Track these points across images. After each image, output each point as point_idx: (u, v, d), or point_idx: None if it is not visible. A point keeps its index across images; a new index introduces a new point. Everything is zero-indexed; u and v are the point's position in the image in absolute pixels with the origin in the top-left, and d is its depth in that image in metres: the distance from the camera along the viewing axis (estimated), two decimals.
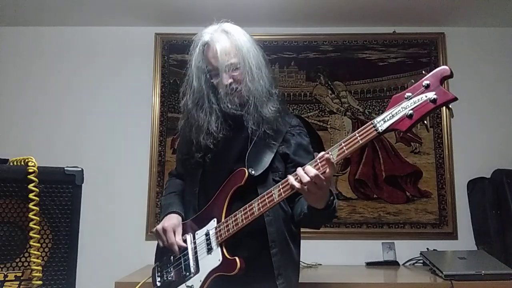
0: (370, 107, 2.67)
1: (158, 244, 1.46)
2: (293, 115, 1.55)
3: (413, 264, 2.40)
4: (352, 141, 1.08)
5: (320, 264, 2.41)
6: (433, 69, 1.02)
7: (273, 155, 1.35)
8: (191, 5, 2.52)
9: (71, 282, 1.08)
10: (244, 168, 1.30)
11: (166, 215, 1.45)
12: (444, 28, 2.72)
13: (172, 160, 2.63)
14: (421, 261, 2.33)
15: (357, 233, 2.54)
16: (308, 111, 2.68)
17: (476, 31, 2.74)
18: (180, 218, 1.43)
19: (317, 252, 2.41)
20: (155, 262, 1.47)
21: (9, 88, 2.73)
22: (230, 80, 1.37)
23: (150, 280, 1.47)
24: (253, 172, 1.30)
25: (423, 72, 1.02)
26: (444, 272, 1.94)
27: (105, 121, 2.69)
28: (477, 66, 2.70)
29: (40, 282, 1.00)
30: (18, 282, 1.00)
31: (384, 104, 2.66)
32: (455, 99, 0.96)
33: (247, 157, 1.33)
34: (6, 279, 0.99)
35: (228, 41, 1.39)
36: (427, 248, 2.37)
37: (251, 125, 1.36)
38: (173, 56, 2.75)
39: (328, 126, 2.66)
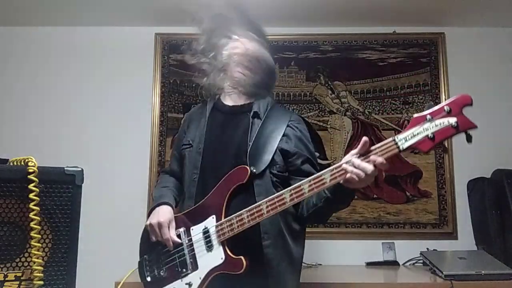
0: (370, 107, 2.67)
1: (143, 237, 1.45)
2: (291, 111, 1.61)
3: (413, 264, 2.40)
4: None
5: (320, 264, 2.40)
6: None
7: (273, 151, 1.35)
8: (191, 5, 2.51)
9: (71, 282, 1.08)
10: (246, 166, 1.29)
11: (158, 205, 1.43)
12: (444, 28, 2.72)
13: None
14: (421, 261, 2.33)
15: (357, 233, 2.54)
16: (308, 111, 2.68)
17: (476, 31, 2.73)
18: (172, 211, 1.43)
19: (317, 252, 2.41)
20: (140, 256, 1.45)
21: (9, 88, 2.73)
22: (239, 70, 1.45)
23: (134, 280, 1.45)
24: (254, 170, 1.29)
25: (444, 99, 1.10)
26: (444, 272, 1.94)
27: (105, 121, 2.69)
28: (477, 66, 2.69)
29: (40, 282, 1.00)
30: (18, 282, 1.00)
31: (384, 104, 2.66)
32: (475, 127, 1.06)
33: (248, 154, 1.33)
34: (6, 279, 0.99)
35: (254, 36, 1.51)
36: (427, 248, 2.37)
37: (252, 115, 1.40)
38: (173, 56, 2.75)
39: (328, 126, 2.66)
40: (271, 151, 1.34)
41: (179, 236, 1.36)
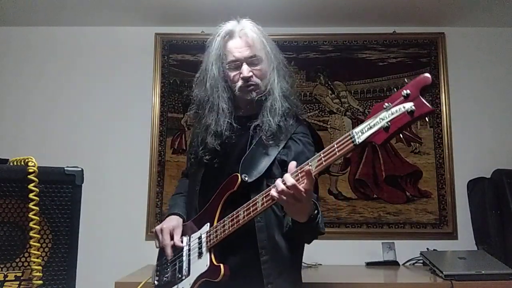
0: (370, 107, 2.67)
1: None
2: (303, 119, 1.50)
3: (413, 264, 2.40)
4: (330, 152, 1.04)
5: (320, 264, 2.41)
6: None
7: (270, 161, 1.31)
8: (191, 5, 2.52)
9: (71, 282, 1.08)
10: (238, 174, 1.28)
11: (168, 215, 1.46)
12: (444, 28, 2.72)
13: (172, 160, 2.63)
14: (421, 261, 2.33)
15: (357, 233, 2.54)
16: (308, 111, 2.68)
17: (476, 31, 2.74)
18: (180, 220, 1.43)
19: (317, 252, 2.40)
20: (156, 261, 1.48)
21: (9, 88, 2.73)
22: (250, 74, 1.36)
23: (151, 280, 1.48)
24: (246, 178, 1.27)
25: (405, 80, 0.98)
26: (444, 272, 1.94)
27: (105, 121, 2.69)
28: (477, 66, 2.70)
29: (40, 282, 1.00)
30: (18, 282, 1.00)
31: None
32: (433, 111, 0.91)
33: (241, 163, 1.31)
34: (6, 279, 0.99)
35: (254, 35, 1.39)
36: (427, 248, 2.36)
37: (255, 127, 1.34)
38: (173, 56, 2.75)
39: (328, 126, 2.67)
40: (267, 162, 1.31)
41: (183, 243, 1.38)
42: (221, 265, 1.23)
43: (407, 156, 2.61)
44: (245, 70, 1.36)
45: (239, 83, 1.38)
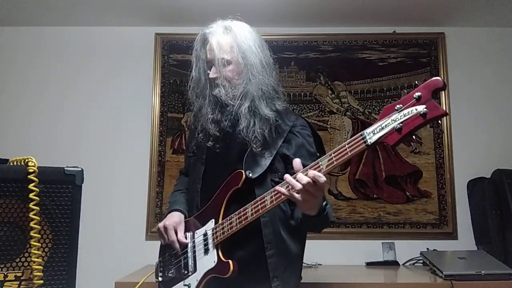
0: (370, 107, 2.67)
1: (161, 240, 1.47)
2: (297, 114, 1.51)
3: (413, 264, 2.40)
4: (341, 152, 1.06)
5: (320, 264, 2.41)
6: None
7: (272, 156, 1.33)
8: (191, 5, 2.52)
9: (71, 282, 1.08)
10: (242, 170, 1.29)
11: (170, 212, 1.47)
12: (444, 28, 2.72)
13: (172, 160, 2.63)
14: (421, 261, 2.34)
15: (357, 233, 2.54)
16: (308, 111, 2.68)
17: (476, 31, 2.74)
18: (182, 216, 1.44)
19: (317, 252, 2.40)
20: (158, 257, 1.49)
21: (9, 88, 2.73)
22: (216, 75, 1.37)
23: (149, 280, 1.49)
24: (250, 174, 1.29)
25: (416, 82, 0.98)
26: (444, 272, 1.94)
27: (105, 121, 2.69)
28: (477, 66, 2.70)
29: (41, 282, 1.00)
30: (18, 282, 1.00)
31: (384, 104, 2.66)
32: (445, 114, 0.93)
33: (245, 159, 1.32)
34: (6, 279, 0.99)
35: (226, 37, 1.38)
36: (427, 248, 2.37)
37: (244, 125, 1.34)
38: (173, 56, 2.76)
39: (328, 126, 2.67)
40: (269, 157, 1.32)
41: (187, 239, 1.39)
42: (230, 261, 1.24)
43: (407, 156, 2.61)
44: (211, 71, 1.38)
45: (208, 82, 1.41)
